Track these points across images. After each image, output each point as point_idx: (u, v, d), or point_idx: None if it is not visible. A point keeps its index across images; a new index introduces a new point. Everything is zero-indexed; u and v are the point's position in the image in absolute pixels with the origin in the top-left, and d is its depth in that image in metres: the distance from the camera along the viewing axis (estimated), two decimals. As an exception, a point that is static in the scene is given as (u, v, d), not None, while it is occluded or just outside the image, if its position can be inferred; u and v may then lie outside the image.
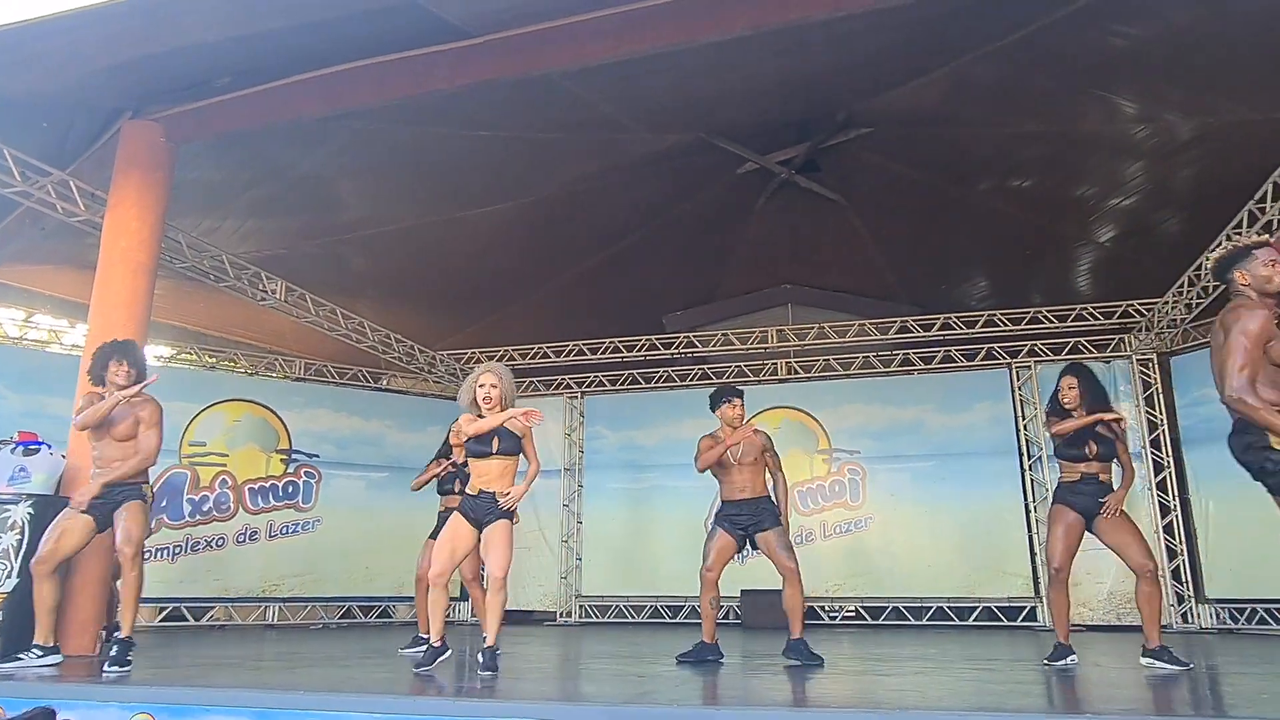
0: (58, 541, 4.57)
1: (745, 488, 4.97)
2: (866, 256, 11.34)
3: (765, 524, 4.88)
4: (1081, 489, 4.64)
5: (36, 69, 5.67)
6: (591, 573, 10.65)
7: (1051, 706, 3.27)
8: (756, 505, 4.94)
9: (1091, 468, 4.65)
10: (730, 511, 4.98)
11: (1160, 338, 9.17)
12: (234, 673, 4.62)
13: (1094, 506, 4.60)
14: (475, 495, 4.26)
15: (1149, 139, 8.12)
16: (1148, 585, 4.45)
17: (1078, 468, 4.67)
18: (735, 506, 4.97)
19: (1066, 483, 4.71)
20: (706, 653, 4.87)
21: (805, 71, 7.67)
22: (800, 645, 4.76)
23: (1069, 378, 4.76)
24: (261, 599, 9.67)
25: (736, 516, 4.94)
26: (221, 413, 9.77)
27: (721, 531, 4.93)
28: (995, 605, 9.30)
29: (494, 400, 4.31)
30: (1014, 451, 9.54)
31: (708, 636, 4.92)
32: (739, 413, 5.09)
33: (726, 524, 4.95)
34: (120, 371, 4.69)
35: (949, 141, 9.06)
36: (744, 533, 4.93)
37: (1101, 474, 4.66)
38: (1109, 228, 9.80)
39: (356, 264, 9.95)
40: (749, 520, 4.91)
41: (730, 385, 5.52)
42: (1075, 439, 4.67)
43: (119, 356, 4.73)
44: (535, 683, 4.10)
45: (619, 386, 11.11)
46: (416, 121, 7.39)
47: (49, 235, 7.81)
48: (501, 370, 4.44)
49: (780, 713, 2.83)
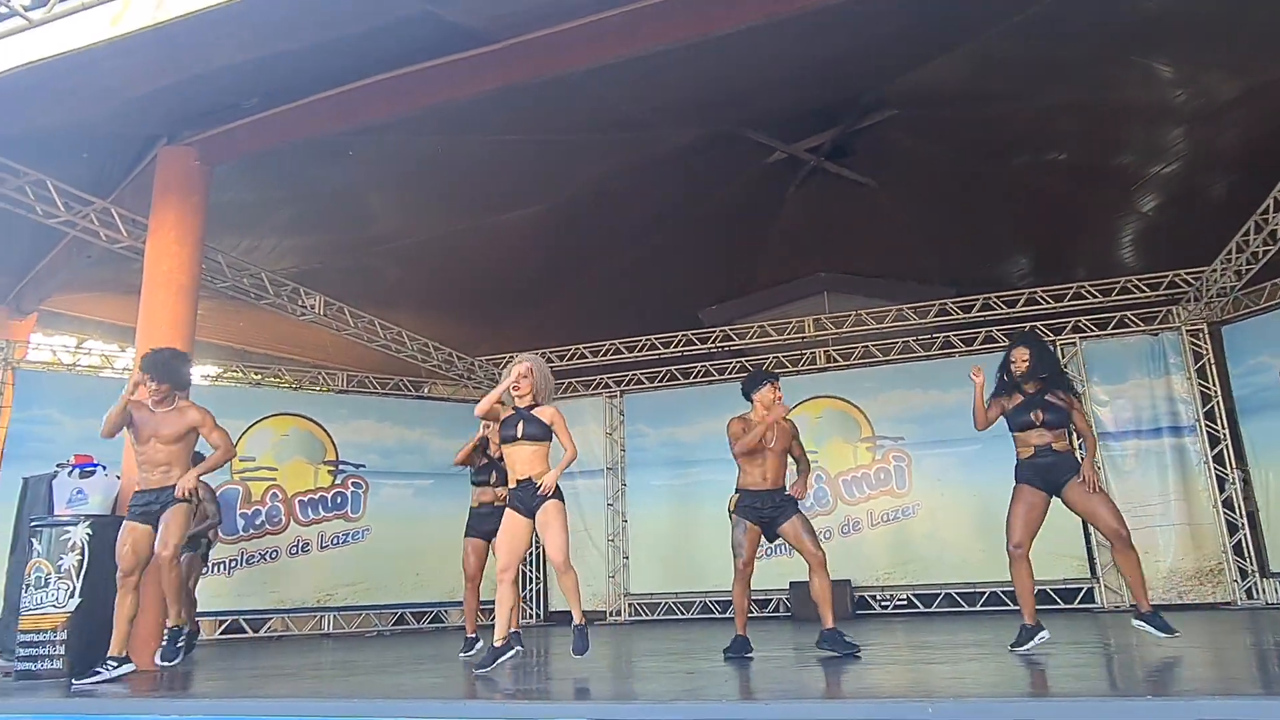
0: (134, 552, 4.72)
1: (768, 477, 4.88)
2: (901, 240, 11.19)
3: (788, 513, 4.82)
4: (1039, 462, 4.52)
5: (74, 101, 5.83)
6: (639, 571, 10.66)
7: (1115, 689, 3.19)
8: (776, 496, 4.87)
9: (1044, 437, 4.52)
10: (751, 502, 4.90)
11: (1210, 307, 8.90)
12: (293, 683, 4.70)
13: (1057, 477, 4.47)
14: (517, 486, 4.31)
15: (1189, 102, 7.89)
16: (1123, 550, 4.36)
17: (1030, 439, 4.55)
18: (756, 497, 4.89)
19: (1024, 459, 4.59)
20: (744, 646, 4.83)
21: (828, 56, 7.57)
22: (835, 635, 4.66)
23: (1022, 348, 4.64)
24: (316, 609, 9.85)
25: (758, 508, 4.87)
26: (269, 428, 9.95)
27: (748, 524, 4.86)
28: (1050, 588, 9.11)
29: (524, 389, 4.38)
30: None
31: (742, 629, 4.89)
32: (776, 397, 4.99)
33: (750, 515, 4.88)
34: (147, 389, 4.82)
35: (980, 118, 8.89)
36: (766, 523, 4.86)
37: (1055, 442, 4.52)
38: (1151, 196, 9.55)
39: (391, 275, 10.07)
40: (771, 511, 4.84)
41: (765, 370, 5.42)
42: (1022, 407, 4.57)
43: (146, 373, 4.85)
44: (585, 682, 4.10)
45: (657, 383, 11.10)
46: (440, 131, 7.45)
47: (94, 263, 8.03)
48: (534, 360, 4.48)
49: (832, 706, 2.80)
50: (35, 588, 5.12)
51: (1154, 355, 9.25)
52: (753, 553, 4.86)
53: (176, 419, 4.84)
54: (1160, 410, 9.10)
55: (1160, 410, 9.10)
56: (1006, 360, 4.67)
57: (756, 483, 4.90)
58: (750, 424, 4.96)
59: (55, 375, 9.07)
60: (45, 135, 6.23)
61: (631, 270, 10.95)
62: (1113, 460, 9.10)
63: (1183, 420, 8.98)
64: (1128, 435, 9.15)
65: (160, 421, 4.82)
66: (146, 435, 4.81)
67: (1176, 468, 8.89)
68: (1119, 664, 3.96)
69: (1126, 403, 9.16)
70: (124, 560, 4.75)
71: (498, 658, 4.22)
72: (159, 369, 4.89)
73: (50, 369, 9.09)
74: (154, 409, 4.85)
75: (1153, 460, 8.98)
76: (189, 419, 4.87)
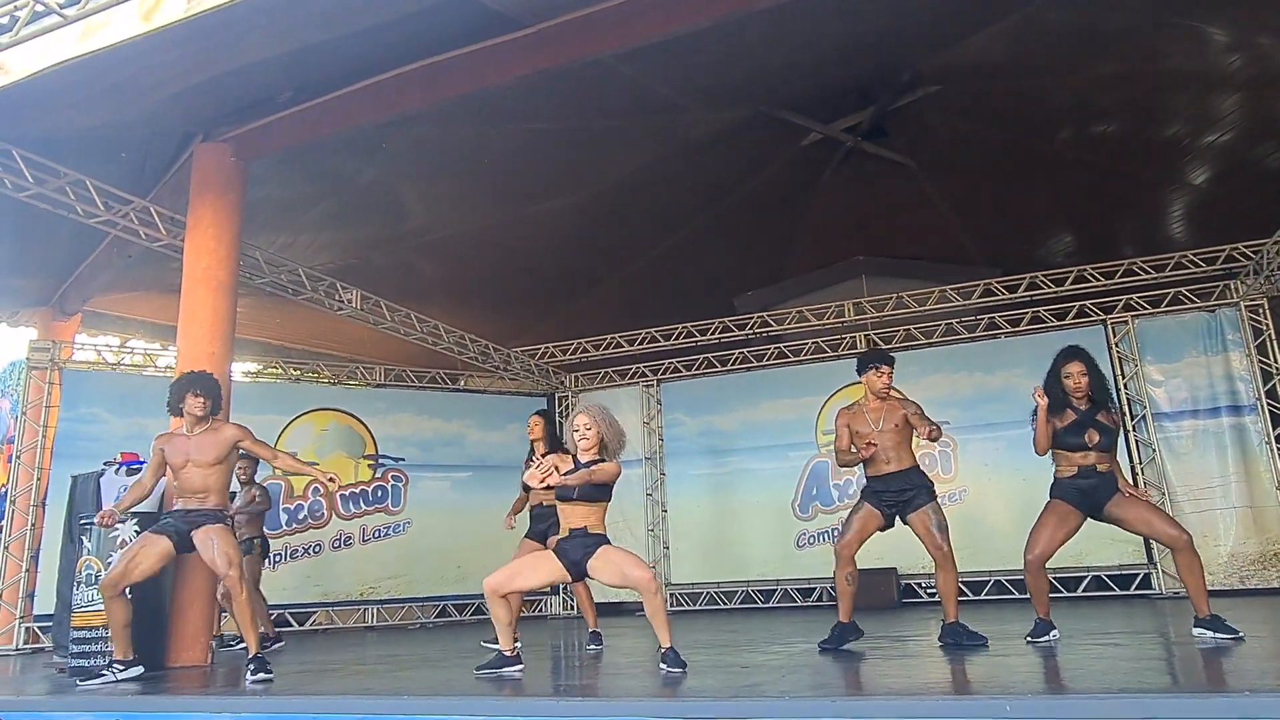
0: (128, 565, 4.57)
1: (891, 459, 4.54)
2: (941, 221, 10.95)
3: (919, 501, 4.48)
4: (1082, 484, 4.31)
5: (111, 101, 5.84)
6: (680, 561, 10.58)
7: (1208, 683, 3.04)
8: (905, 478, 4.53)
9: (1089, 459, 4.30)
10: (876, 487, 4.57)
11: (1270, 280, 8.56)
12: (339, 679, 4.69)
13: (1099, 499, 4.28)
14: (568, 536, 3.98)
15: (1244, 68, 7.58)
16: (1186, 555, 4.12)
17: (1074, 458, 4.34)
18: (882, 482, 4.56)
19: (1065, 478, 4.37)
20: (848, 634, 4.55)
21: (865, 32, 7.39)
22: (958, 629, 4.45)
23: (1078, 364, 4.35)
24: (360, 602, 9.91)
25: (884, 493, 4.54)
26: (309, 423, 10.01)
27: (869, 506, 4.55)
28: (1106, 574, 8.89)
29: (591, 442, 3.99)
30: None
31: (845, 616, 4.58)
32: (885, 382, 4.69)
33: (874, 500, 4.57)
34: (197, 404, 4.77)
35: (1022, 93, 8.64)
36: (893, 510, 4.54)
37: (1099, 464, 4.31)
38: (1204, 168, 9.23)
39: (426, 268, 10.06)
40: (897, 496, 4.52)
41: (879, 350, 5.13)
42: (1075, 428, 4.33)
43: (195, 388, 4.81)
44: (636, 678, 4.03)
45: (694, 371, 10.98)
46: (472, 121, 7.39)
47: (135, 263, 8.10)
48: (598, 411, 4.10)
49: (903, 704, 2.69)
50: (86, 585, 5.16)
51: (1210, 332, 8.95)
52: (859, 536, 4.53)
53: (215, 439, 4.76)
54: (1219, 389, 8.80)
55: (1219, 389, 8.80)
56: (1057, 375, 4.39)
57: (880, 467, 4.57)
58: (858, 415, 4.68)
59: (101, 375, 9.18)
60: (83, 135, 6.26)
61: (666, 258, 10.84)
62: (1168, 441, 8.84)
63: (1242, 399, 8.67)
64: (1184, 415, 8.86)
65: (198, 445, 4.73)
66: (182, 461, 4.70)
67: (1236, 448, 8.59)
68: (1195, 656, 3.78)
69: (1182, 382, 8.87)
70: (113, 569, 4.61)
71: (505, 666, 4.00)
72: (216, 394, 4.89)
73: (95, 369, 9.20)
74: (190, 433, 4.78)
75: (1211, 441, 8.69)
76: (226, 437, 4.79)
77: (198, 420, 4.79)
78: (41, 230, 7.45)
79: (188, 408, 4.79)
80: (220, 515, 4.74)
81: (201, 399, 4.78)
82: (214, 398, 4.88)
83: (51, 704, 4.01)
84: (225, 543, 4.62)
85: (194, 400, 4.78)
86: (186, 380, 4.90)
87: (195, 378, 4.91)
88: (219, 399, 4.95)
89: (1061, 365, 4.39)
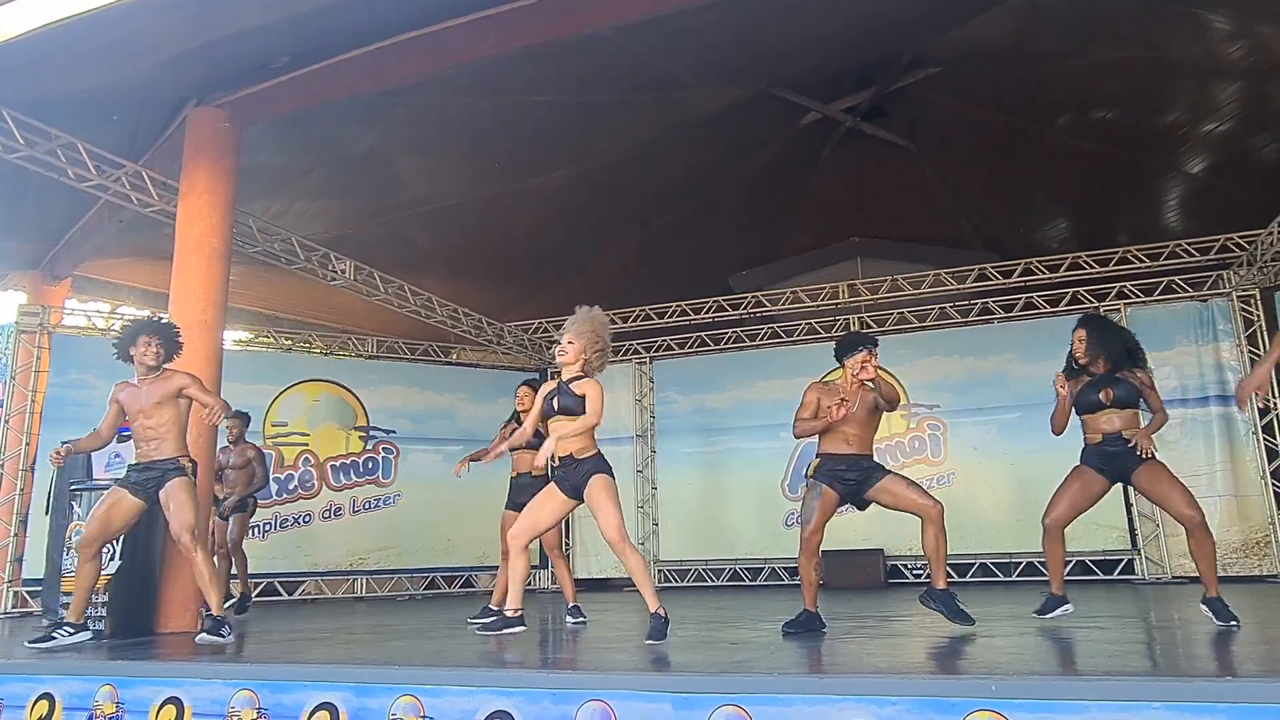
0: (103, 524, 4.56)
1: (852, 442, 4.45)
2: (938, 204, 10.94)
3: (877, 476, 4.40)
4: (1108, 450, 4.31)
5: (104, 63, 5.75)
6: (668, 538, 10.64)
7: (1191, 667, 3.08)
8: (864, 460, 4.46)
9: (1113, 422, 4.31)
10: (836, 466, 4.45)
11: (1263, 272, 8.60)
12: (328, 647, 4.71)
13: (1125, 465, 4.28)
14: (560, 464, 4.07)
15: (1245, 57, 7.56)
16: (1198, 535, 4.13)
17: (1099, 424, 4.34)
18: (842, 461, 4.44)
19: (1092, 445, 4.39)
20: (814, 622, 4.47)
21: (868, 12, 7.33)
22: (946, 596, 4.32)
23: (1079, 329, 4.48)
24: (349, 572, 9.95)
25: (842, 471, 4.43)
26: (301, 393, 9.99)
27: (826, 488, 4.42)
28: (1090, 559, 8.98)
29: (571, 357, 4.13)
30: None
31: (811, 605, 4.50)
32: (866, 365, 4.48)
33: (829, 479, 4.44)
34: (149, 352, 4.64)
35: (1023, 77, 8.62)
36: (852, 489, 4.43)
37: (1125, 429, 4.30)
38: (1201, 158, 9.23)
39: (421, 240, 10.00)
40: (857, 475, 4.41)
41: (863, 333, 5.00)
42: (1089, 387, 4.38)
43: (145, 333, 4.67)
44: (627, 652, 4.06)
45: (688, 349, 10.99)
46: (470, 92, 7.32)
47: (126, 228, 8.02)
48: (582, 322, 4.20)
49: (891, 681, 2.72)
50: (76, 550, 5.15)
51: (1202, 322, 9.00)
52: (822, 521, 4.41)
53: (163, 387, 4.65)
54: (1208, 378, 8.88)
55: (1208, 378, 8.88)
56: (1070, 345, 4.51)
57: (841, 445, 4.46)
58: (831, 392, 4.52)
59: (91, 340, 9.11)
60: (76, 98, 6.17)
61: (662, 235, 10.81)
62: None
63: (1231, 389, 8.73)
64: (1173, 404, 8.82)
65: (145, 394, 4.64)
66: (134, 411, 4.63)
67: (1224, 437, 8.68)
68: (1177, 641, 3.83)
69: (1172, 370, 8.92)
70: (89, 528, 4.58)
71: (507, 627, 3.98)
72: (172, 343, 4.75)
73: (85, 334, 9.14)
74: (139, 383, 4.68)
75: (1199, 430, 8.77)
76: (173, 385, 4.66)
77: (149, 369, 4.66)
78: (32, 193, 7.36)
79: (138, 355, 4.64)
80: (178, 466, 4.62)
81: (153, 347, 4.63)
82: (168, 345, 4.72)
83: (40, 667, 4.01)
84: (181, 502, 4.54)
85: (144, 347, 4.63)
86: (135, 327, 4.76)
87: (146, 324, 4.78)
88: (173, 346, 4.76)
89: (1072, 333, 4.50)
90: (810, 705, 2.57)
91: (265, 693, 3.36)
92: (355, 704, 3.22)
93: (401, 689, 3.18)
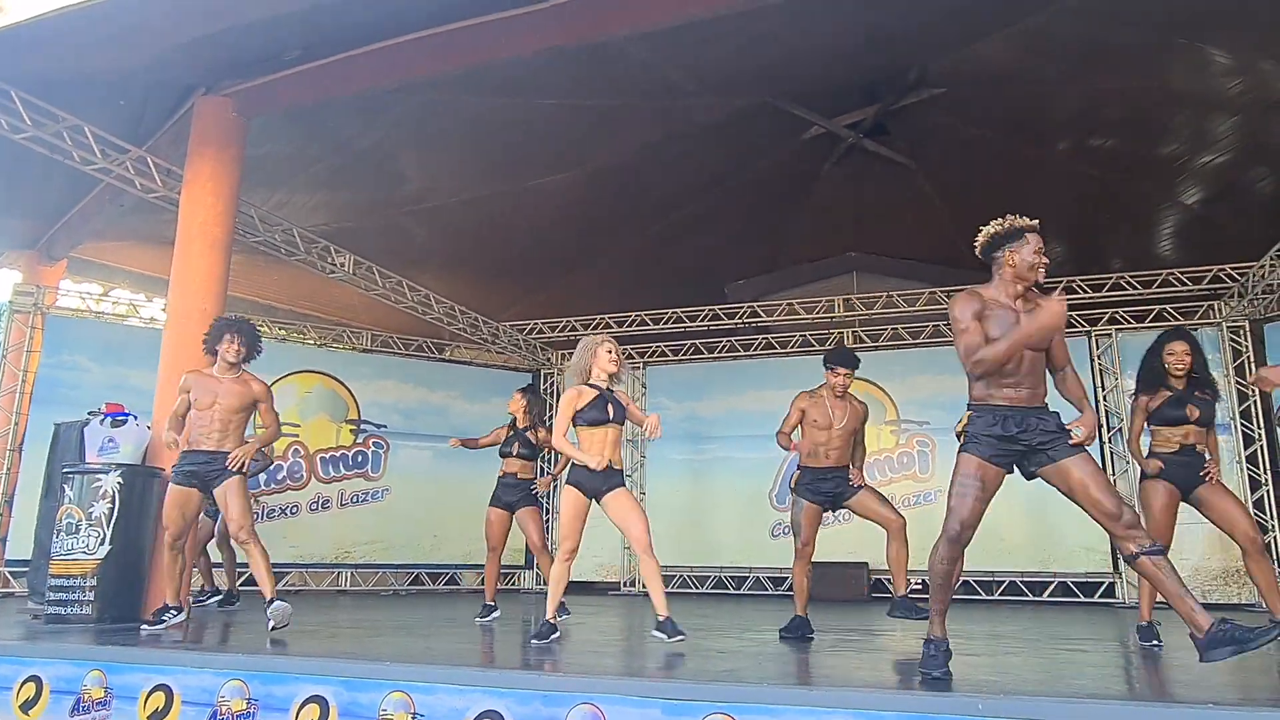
0: (183, 516, 4.80)
1: (831, 455, 4.78)
2: (936, 222, 11.00)
3: (852, 489, 4.75)
4: (1179, 460, 4.39)
5: (114, 48, 5.75)
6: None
7: (1172, 693, 3.13)
8: (842, 473, 4.78)
9: (1189, 436, 4.40)
10: (815, 479, 4.77)
11: (1254, 304, 8.71)
12: (313, 641, 4.71)
13: (1192, 477, 4.36)
14: (604, 471, 4.25)
15: (1244, 93, 7.66)
16: (1256, 556, 4.22)
17: (1175, 436, 4.42)
18: (820, 474, 4.77)
19: (1165, 452, 4.44)
20: (805, 627, 4.74)
21: (876, 29, 7.40)
22: (906, 601, 4.60)
23: (1182, 343, 4.49)
24: (335, 565, 9.93)
25: (820, 484, 4.76)
26: (293, 384, 9.98)
27: (808, 503, 4.74)
28: (1071, 580, 9.06)
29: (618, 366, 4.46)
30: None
31: (801, 610, 4.78)
32: (845, 384, 4.90)
33: (809, 493, 4.76)
34: (232, 349, 4.85)
35: (1025, 101, 8.69)
36: (829, 500, 4.75)
37: (1199, 443, 4.41)
38: (1196, 189, 9.33)
39: (421, 236, 10.01)
40: (834, 488, 4.74)
41: (846, 350, 5.30)
42: (1175, 402, 4.43)
43: (234, 331, 4.89)
44: (613, 657, 4.09)
45: (681, 357, 11.03)
46: (477, 92, 7.34)
47: (126, 212, 8.01)
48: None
49: (879, 695, 2.76)
50: (67, 533, 5.15)
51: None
52: (812, 532, 4.74)
53: (242, 390, 4.87)
54: (1194, 407, 8.95)
55: (1194, 407, 8.95)
56: (1159, 352, 4.52)
57: (820, 459, 4.79)
58: (818, 402, 4.87)
59: (85, 322, 9.10)
60: (84, 81, 6.16)
61: (660, 242, 10.85)
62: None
63: (1220, 417, 8.81)
64: (1159, 431, 9.01)
65: (226, 390, 4.83)
66: (209, 401, 4.80)
67: (1209, 466, 8.76)
68: (1158, 666, 3.89)
69: (1160, 398, 8.99)
70: (172, 524, 4.79)
71: (552, 634, 4.27)
72: (253, 343, 4.95)
73: (79, 315, 9.11)
74: (222, 376, 4.86)
75: (1184, 457, 8.84)
76: (253, 391, 4.90)
77: (230, 365, 4.86)
78: (34, 172, 7.33)
79: (223, 350, 4.86)
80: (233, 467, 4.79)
81: (235, 344, 4.85)
82: (251, 348, 4.94)
83: (27, 649, 4.01)
84: (236, 500, 4.74)
85: (228, 344, 4.85)
86: (226, 322, 4.98)
87: (237, 323, 4.98)
88: (254, 348, 4.98)
89: (1165, 344, 4.53)
90: (800, 717, 2.61)
91: (256, 684, 3.38)
92: (346, 698, 3.24)
93: (393, 685, 3.20)
